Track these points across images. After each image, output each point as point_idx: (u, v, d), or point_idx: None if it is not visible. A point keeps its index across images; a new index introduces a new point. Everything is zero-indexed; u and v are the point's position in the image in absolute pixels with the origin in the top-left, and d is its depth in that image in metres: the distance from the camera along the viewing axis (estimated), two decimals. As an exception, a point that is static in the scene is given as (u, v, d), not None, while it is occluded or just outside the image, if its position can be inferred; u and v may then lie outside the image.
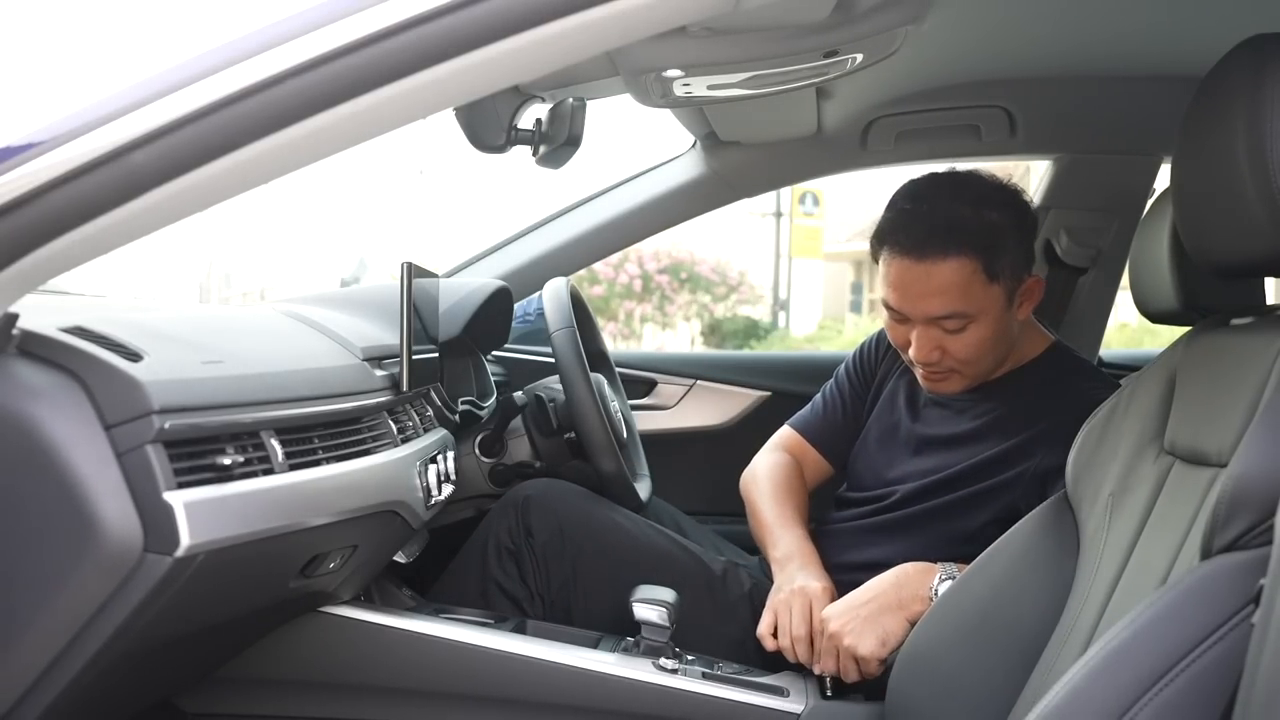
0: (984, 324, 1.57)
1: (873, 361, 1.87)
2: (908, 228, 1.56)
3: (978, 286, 1.55)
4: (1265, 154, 0.95)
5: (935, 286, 1.55)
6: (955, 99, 2.12)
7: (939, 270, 1.54)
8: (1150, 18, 1.77)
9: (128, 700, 1.26)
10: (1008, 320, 1.61)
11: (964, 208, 1.55)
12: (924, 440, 1.71)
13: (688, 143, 2.34)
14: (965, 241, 1.53)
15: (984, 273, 1.54)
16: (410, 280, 1.52)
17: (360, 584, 1.50)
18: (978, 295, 1.55)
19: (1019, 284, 1.59)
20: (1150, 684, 0.82)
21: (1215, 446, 1.05)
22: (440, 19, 0.85)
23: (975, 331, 1.57)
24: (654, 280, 12.59)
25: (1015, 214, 1.59)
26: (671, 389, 2.46)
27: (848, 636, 1.46)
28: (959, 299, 1.55)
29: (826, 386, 1.92)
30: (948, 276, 1.54)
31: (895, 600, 1.48)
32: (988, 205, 1.57)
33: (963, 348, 1.59)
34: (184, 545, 0.96)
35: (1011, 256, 1.57)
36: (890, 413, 1.79)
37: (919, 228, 1.55)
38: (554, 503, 1.71)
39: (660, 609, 1.48)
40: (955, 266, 1.53)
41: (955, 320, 1.57)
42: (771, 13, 1.06)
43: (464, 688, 1.45)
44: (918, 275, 1.55)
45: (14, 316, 0.95)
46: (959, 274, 1.54)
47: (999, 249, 1.55)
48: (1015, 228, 1.58)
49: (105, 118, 0.87)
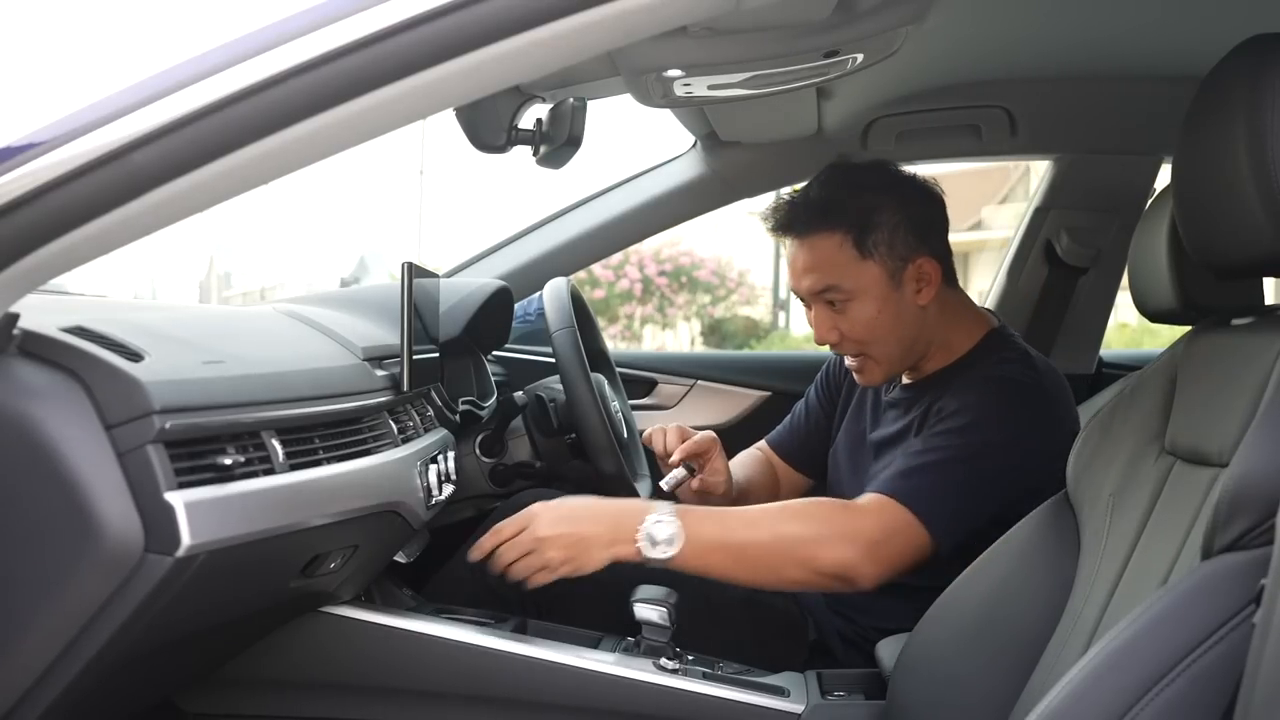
0: (868, 302, 1.63)
1: (838, 376, 1.93)
2: (788, 211, 1.67)
3: (849, 260, 1.62)
4: (1265, 154, 0.95)
5: (809, 260, 1.64)
6: (955, 99, 2.12)
7: (810, 244, 1.64)
8: (1150, 18, 1.77)
9: (128, 700, 1.26)
10: (899, 302, 1.64)
11: (840, 189, 1.64)
12: (878, 443, 1.74)
13: (688, 143, 2.34)
14: (835, 217, 1.62)
15: (854, 247, 1.62)
16: (410, 280, 1.52)
17: (360, 584, 1.50)
18: (851, 270, 1.62)
19: (904, 264, 1.63)
20: (1151, 684, 0.82)
21: (1216, 446, 1.05)
22: (440, 19, 0.85)
23: (861, 309, 1.64)
24: (654, 284, 12.59)
25: (897, 197, 1.65)
26: (671, 389, 2.46)
27: (549, 550, 1.46)
28: (831, 272, 1.63)
29: (797, 405, 2.00)
30: (818, 250, 1.63)
31: (609, 537, 1.46)
32: (866, 188, 1.64)
33: (853, 327, 1.65)
34: (185, 545, 0.96)
35: (888, 233, 1.62)
36: (857, 422, 1.83)
37: (796, 208, 1.66)
38: None
39: (661, 609, 1.48)
40: (824, 239, 1.63)
41: (835, 294, 1.63)
42: (772, 13, 1.06)
43: (464, 688, 1.45)
44: (795, 252, 1.66)
45: (14, 316, 0.95)
46: (827, 247, 1.62)
47: (872, 225, 1.61)
48: (895, 207, 1.63)
49: (105, 118, 0.87)
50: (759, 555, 1.49)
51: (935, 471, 1.51)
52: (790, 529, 1.50)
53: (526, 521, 1.48)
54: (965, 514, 1.49)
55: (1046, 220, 2.36)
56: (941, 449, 1.53)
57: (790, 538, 1.49)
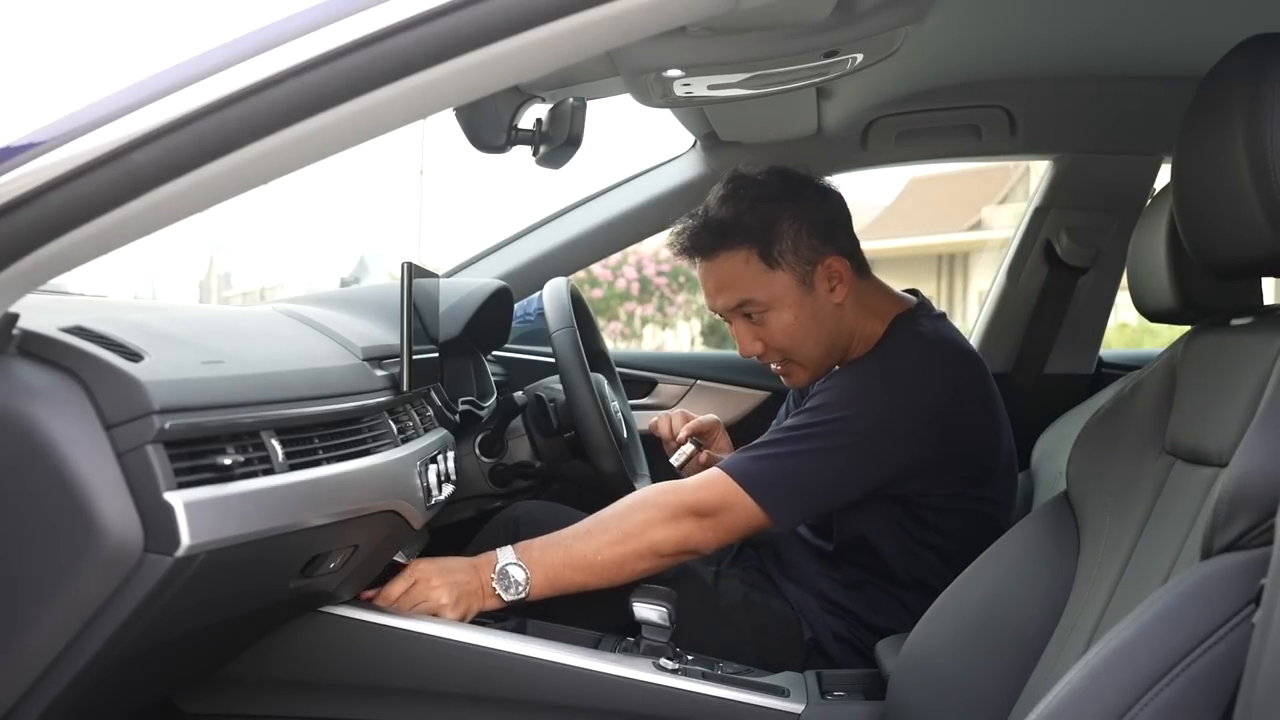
0: (784, 310, 1.65)
1: (791, 405, 1.94)
2: (691, 234, 1.69)
3: (757, 273, 1.64)
4: (1265, 154, 0.95)
5: (720, 280, 1.67)
6: (955, 99, 2.12)
7: (717, 264, 1.66)
8: (1150, 18, 1.77)
9: (128, 700, 1.26)
10: (814, 304, 1.66)
11: (737, 205, 1.66)
12: None
13: (688, 143, 2.34)
14: (737, 234, 1.64)
15: (760, 259, 1.64)
16: (410, 280, 1.52)
17: (360, 584, 1.50)
18: (761, 282, 1.65)
19: (812, 267, 1.65)
20: (1151, 684, 0.82)
21: (1216, 446, 1.05)
22: (440, 19, 0.85)
23: (778, 318, 1.66)
24: (653, 284, 12.58)
25: (794, 203, 1.66)
26: (671, 389, 2.46)
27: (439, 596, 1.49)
28: (743, 287, 1.65)
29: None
30: (726, 268, 1.66)
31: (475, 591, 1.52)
32: (763, 199, 1.66)
33: (774, 336, 1.67)
34: (184, 545, 0.96)
35: (792, 239, 1.64)
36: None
37: (698, 230, 1.68)
38: (543, 525, 1.72)
39: (661, 609, 1.48)
40: (730, 257, 1.65)
41: (752, 308, 1.66)
42: (772, 13, 1.06)
43: (464, 688, 1.45)
44: (704, 274, 1.69)
45: (14, 316, 0.95)
46: (734, 264, 1.65)
47: (775, 235, 1.64)
48: (794, 214, 1.65)
49: (105, 118, 0.87)
50: (605, 561, 1.54)
51: (772, 449, 1.57)
52: (622, 526, 1.55)
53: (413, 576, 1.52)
54: (805, 491, 1.55)
55: (1046, 220, 2.36)
56: (787, 430, 1.58)
57: (625, 534, 1.54)
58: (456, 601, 1.50)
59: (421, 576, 1.51)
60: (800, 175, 1.71)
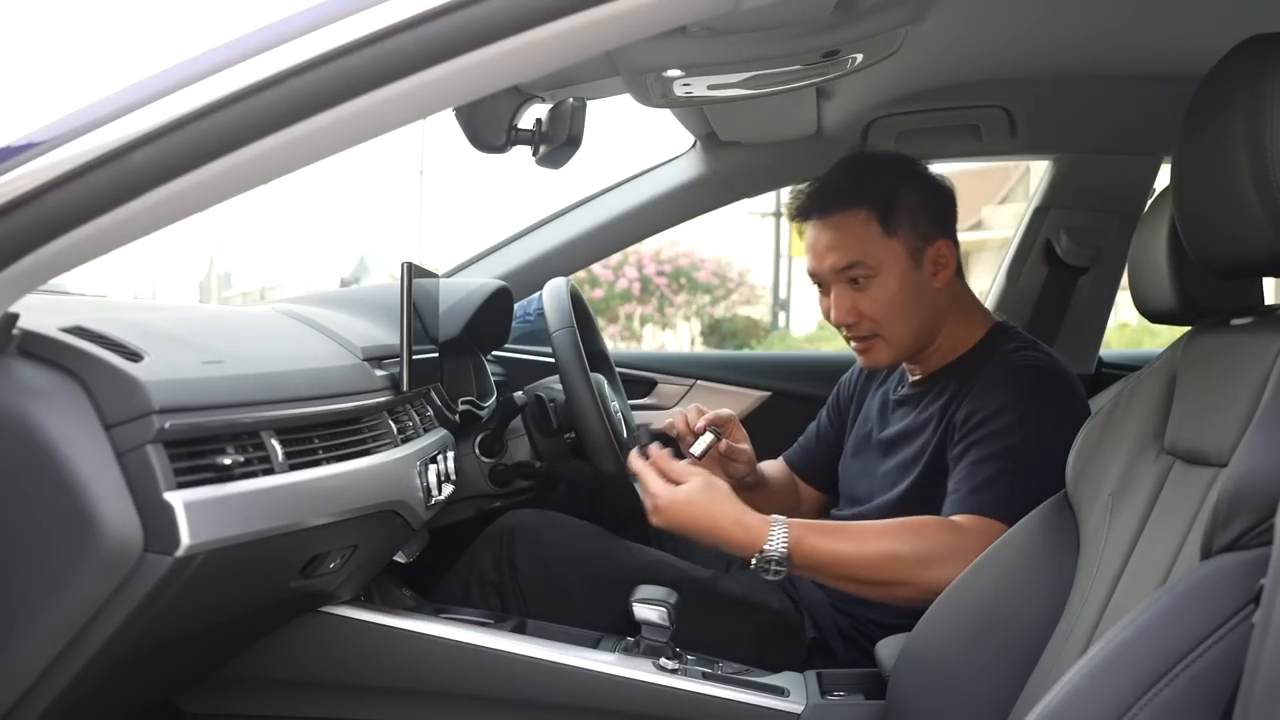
0: (890, 279, 1.65)
1: (848, 390, 1.96)
2: (811, 195, 1.70)
3: (873, 237, 1.65)
4: (1265, 154, 0.95)
5: (833, 239, 1.67)
6: (955, 99, 2.12)
7: (836, 221, 1.67)
8: (1150, 18, 1.77)
9: (128, 700, 1.26)
10: (918, 282, 1.67)
11: (862, 172, 1.69)
12: (888, 441, 1.75)
13: (688, 143, 2.34)
14: (860, 195, 1.65)
15: (879, 224, 1.64)
16: (410, 280, 1.52)
17: (360, 584, 1.50)
18: (875, 247, 1.65)
19: (924, 244, 1.66)
20: (1150, 684, 0.82)
21: (1215, 446, 1.05)
22: (440, 19, 0.85)
23: (883, 286, 1.65)
24: (653, 284, 12.58)
25: (917, 179, 1.70)
26: (671, 389, 2.46)
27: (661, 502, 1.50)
28: (857, 247, 1.65)
29: (810, 426, 2.02)
30: (844, 227, 1.66)
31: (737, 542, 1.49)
32: (886, 172, 1.69)
33: (873, 305, 1.66)
34: (184, 545, 0.96)
35: (910, 213, 1.66)
36: (864, 427, 1.85)
37: (819, 191, 1.70)
38: (538, 536, 1.72)
39: (661, 609, 1.48)
40: (849, 216, 1.66)
41: (859, 271, 1.65)
42: (772, 13, 1.06)
43: (464, 688, 1.45)
44: (819, 232, 1.69)
45: (14, 316, 0.95)
46: (852, 224, 1.65)
47: (895, 203, 1.65)
48: (915, 190, 1.68)
49: (105, 118, 0.87)
50: (866, 571, 1.51)
51: (1008, 477, 1.53)
52: (897, 546, 1.51)
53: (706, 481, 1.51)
54: (1032, 503, 1.47)
55: (1046, 220, 2.36)
56: (1002, 455, 1.54)
57: (896, 555, 1.50)
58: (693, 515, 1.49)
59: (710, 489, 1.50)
60: (920, 162, 1.74)
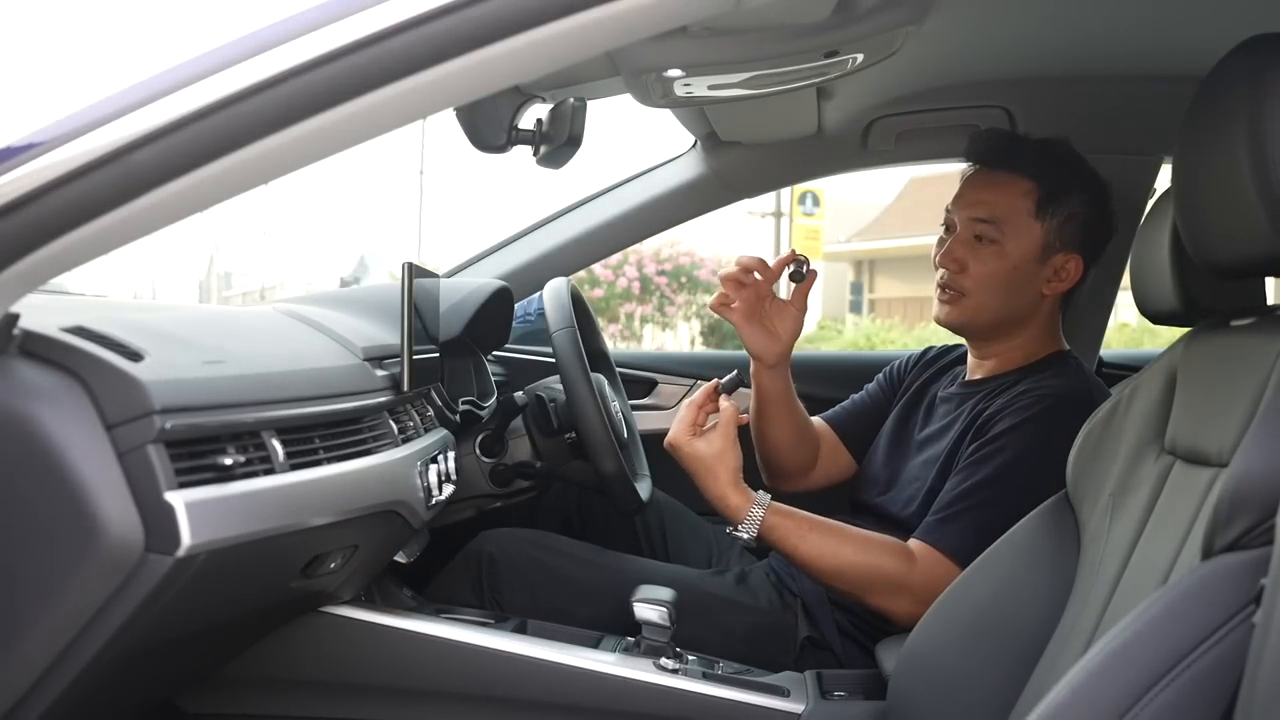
0: (1007, 257, 1.66)
1: (903, 369, 1.96)
2: (996, 137, 1.73)
3: (1022, 212, 1.66)
4: (1265, 154, 0.95)
5: (990, 194, 1.68)
6: (955, 99, 2.12)
7: (1001, 178, 1.68)
8: (1150, 18, 1.77)
9: (128, 700, 1.26)
10: (1031, 275, 1.67)
11: (1051, 153, 1.69)
12: (921, 441, 1.76)
13: (688, 143, 2.34)
14: (1036, 170, 1.66)
15: (1036, 203, 1.65)
16: (411, 280, 1.52)
17: (360, 584, 1.50)
18: (1018, 221, 1.66)
19: (1060, 249, 1.67)
20: (1151, 684, 0.82)
21: (1216, 446, 1.05)
22: (440, 19, 0.85)
23: (997, 258, 1.66)
24: (653, 283, 12.58)
25: (1093, 198, 1.70)
26: (671, 389, 2.46)
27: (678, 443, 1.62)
28: (1000, 212, 1.66)
29: (857, 394, 2.02)
30: (1004, 188, 1.67)
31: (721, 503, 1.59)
32: (1074, 172, 1.70)
33: (980, 268, 1.67)
34: (185, 545, 0.96)
35: (1068, 216, 1.66)
36: (908, 417, 1.85)
37: (1002, 140, 1.72)
38: (519, 562, 1.71)
39: (661, 609, 1.48)
40: (1012, 181, 1.67)
41: (989, 230, 1.66)
42: (772, 13, 1.06)
43: (464, 688, 1.45)
44: (981, 178, 1.70)
45: (15, 316, 0.95)
46: (1010, 189, 1.67)
47: (1060, 198, 1.66)
48: (1084, 204, 1.68)
49: (105, 118, 0.87)
50: (820, 576, 1.61)
51: (984, 511, 1.54)
52: (857, 560, 1.57)
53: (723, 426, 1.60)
54: (992, 537, 1.47)
55: (1046, 220, 2.36)
56: (988, 483, 1.55)
57: (852, 569, 1.57)
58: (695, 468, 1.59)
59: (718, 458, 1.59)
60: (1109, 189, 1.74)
